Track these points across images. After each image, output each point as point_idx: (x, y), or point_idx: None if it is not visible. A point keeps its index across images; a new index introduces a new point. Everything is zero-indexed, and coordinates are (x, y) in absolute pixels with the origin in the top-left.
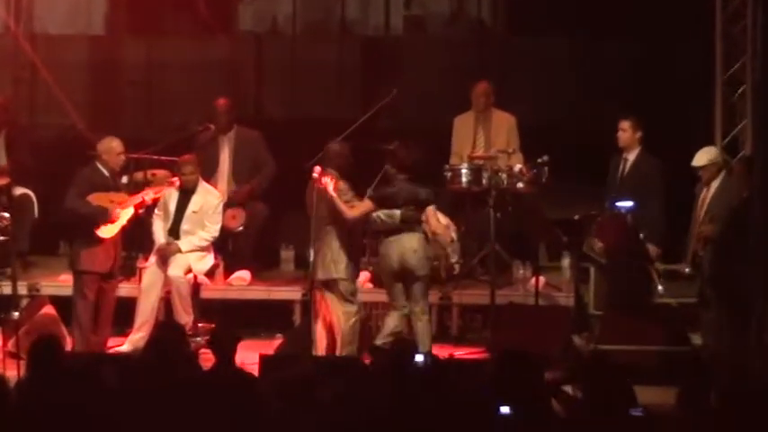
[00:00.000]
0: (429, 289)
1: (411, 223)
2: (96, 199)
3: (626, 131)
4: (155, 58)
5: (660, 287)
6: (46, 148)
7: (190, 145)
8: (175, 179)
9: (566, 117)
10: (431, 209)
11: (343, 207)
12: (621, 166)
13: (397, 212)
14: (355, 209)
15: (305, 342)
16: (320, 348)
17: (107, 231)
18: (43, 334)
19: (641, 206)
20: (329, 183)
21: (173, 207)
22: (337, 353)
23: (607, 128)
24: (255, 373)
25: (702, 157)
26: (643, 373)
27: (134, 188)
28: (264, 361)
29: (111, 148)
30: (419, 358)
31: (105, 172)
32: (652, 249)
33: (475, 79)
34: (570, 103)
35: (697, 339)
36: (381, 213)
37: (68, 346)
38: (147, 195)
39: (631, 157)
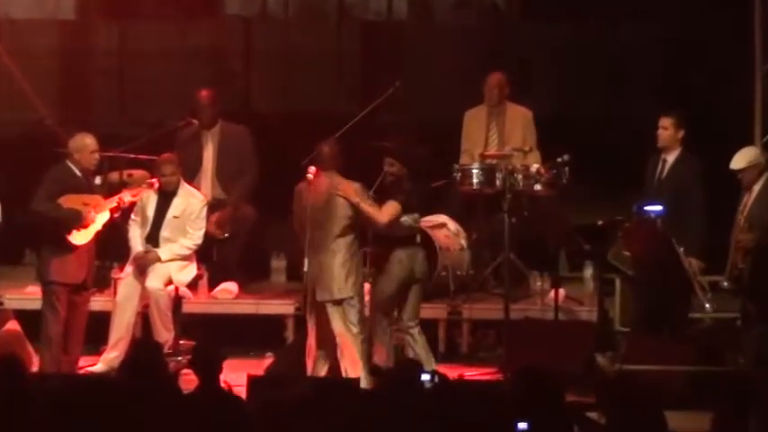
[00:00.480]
0: (433, 302)
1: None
2: (68, 201)
3: (667, 129)
4: (130, 45)
5: (708, 304)
6: (10, 145)
7: (170, 142)
8: (154, 180)
9: (588, 111)
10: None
11: (372, 211)
12: (659, 168)
13: (416, 215)
14: (384, 212)
15: (299, 361)
16: (313, 369)
17: (80, 237)
18: (4, 353)
19: (680, 213)
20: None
21: (151, 211)
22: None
23: (634, 123)
24: (243, 395)
25: (741, 159)
26: (674, 396)
27: (109, 190)
28: (253, 382)
29: (84, 145)
30: (426, 377)
31: (77, 172)
32: (694, 262)
33: (487, 70)
34: (593, 95)
35: (735, 359)
36: (408, 218)
37: (35, 367)
38: (125, 197)
39: (671, 158)
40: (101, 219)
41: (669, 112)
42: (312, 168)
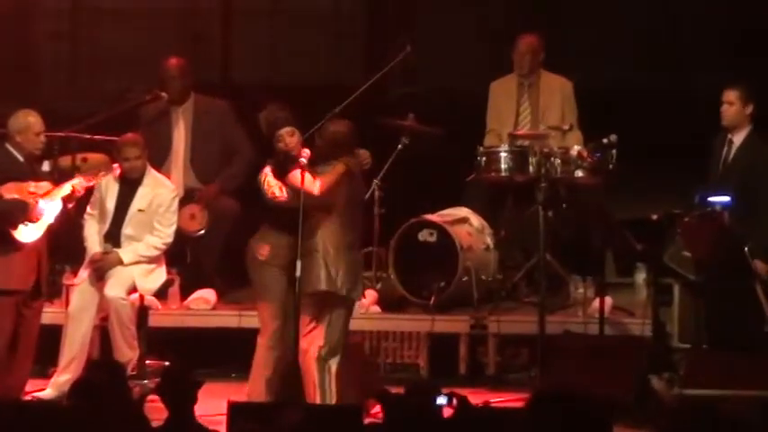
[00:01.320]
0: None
1: None
2: (9, 190)
3: (732, 105)
4: (84, 3)
5: None
6: None
7: (133, 120)
8: (115, 165)
9: (639, 82)
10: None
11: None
12: (725, 151)
13: None
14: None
15: (291, 384)
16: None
17: (28, 233)
18: None
19: (747, 205)
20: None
21: (111, 204)
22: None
23: (696, 97)
24: (222, 428)
25: None
26: (745, 425)
27: (59, 178)
28: (234, 410)
29: (28, 125)
30: (441, 400)
31: (19, 157)
32: (760, 265)
33: (517, 32)
34: (645, 63)
35: None
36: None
37: None
38: (79, 184)
39: (738, 138)
40: (51, 209)
41: (735, 84)
42: (306, 152)
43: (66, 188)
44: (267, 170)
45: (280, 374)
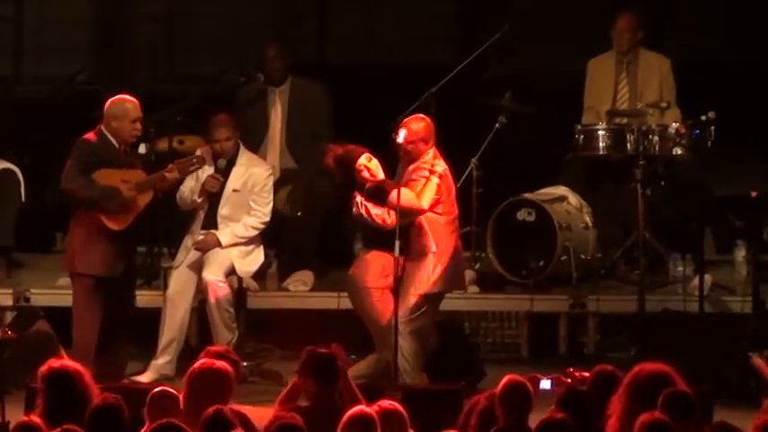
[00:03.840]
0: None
1: None
2: (103, 177)
3: None
4: None
5: None
6: (36, 107)
7: (229, 102)
8: (202, 154)
9: (738, 58)
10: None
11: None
12: None
13: None
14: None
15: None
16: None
17: (117, 221)
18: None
19: None
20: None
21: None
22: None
23: None
24: None
25: None
26: None
27: (155, 161)
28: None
29: (125, 111)
30: (545, 385)
31: (115, 142)
32: None
33: (616, 9)
34: (744, 38)
35: None
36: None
37: None
38: (171, 176)
39: None
40: (143, 200)
41: None
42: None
43: (158, 178)
44: (359, 200)
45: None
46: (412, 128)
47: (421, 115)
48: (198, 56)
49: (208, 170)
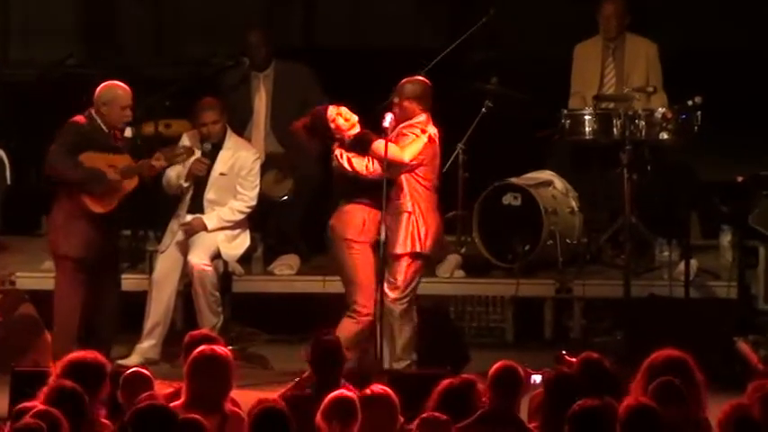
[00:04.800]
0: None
1: None
2: (89, 160)
3: None
4: None
5: None
6: (24, 91)
7: (215, 86)
8: (189, 135)
9: (724, 43)
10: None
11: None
12: None
13: None
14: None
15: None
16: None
17: (101, 205)
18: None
19: None
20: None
21: None
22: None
23: None
24: None
25: None
26: None
27: (142, 144)
28: None
29: (114, 97)
30: (537, 378)
31: (104, 127)
32: None
33: None
34: (730, 24)
35: None
36: None
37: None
38: (158, 164)
39: None
40: (127, 185)
41: None
42: (390, 116)
43: (144, 166)
44: (339, 152)
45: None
46: (409, 87)
47: (421, 77)
48: (186, 39)
49: (195, 153)
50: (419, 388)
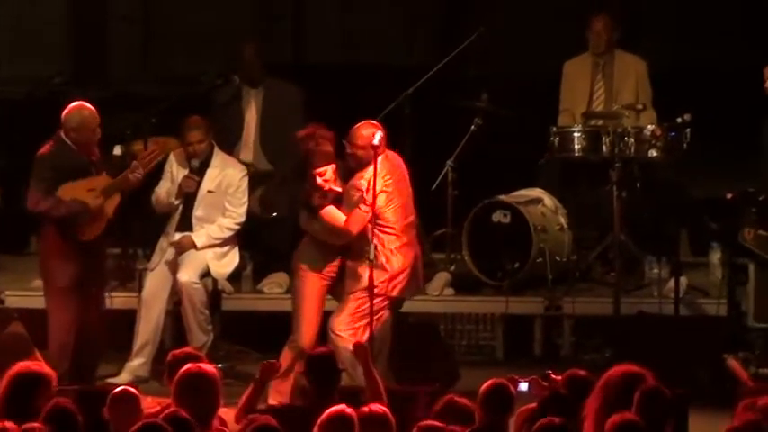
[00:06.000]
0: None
1: None
2: (68, 192)
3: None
4: None
5: None
6: (12, 109)
7: (205, 104)
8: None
9: (714, 60)
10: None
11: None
12: None
13: None
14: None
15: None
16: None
17: (89, 231)
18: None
19: None
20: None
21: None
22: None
23: None
24: None
25: None
26: None
27: (129, 164)
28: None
29: (82, 121)
30: (523, 387)
31: (75, 149)
32: None
33: (591, 11)
34: (720, 41)
35: None
36: None
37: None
38: (136, 173)
39: None
40: (110, 206)
41: None
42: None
43: (122, 181)
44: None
45: None
46: (363, 133)
47: (373, 122)
48: (175, 56)
49: (182, 172)
50: (407, 405)
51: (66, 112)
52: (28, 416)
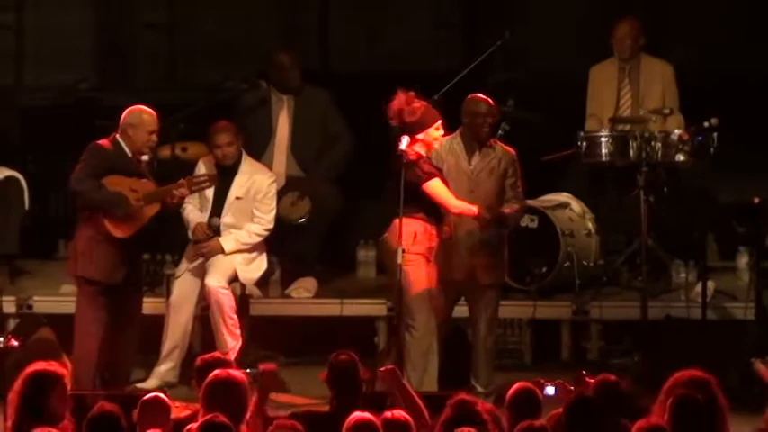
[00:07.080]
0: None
1: None
2: (112, 183)
3: None
4: None
5: None
6: (39, 116)
7: (232, 110)
8: (205, 160)
9: (742, 66)
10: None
11: None
12: None
13: None
14: None
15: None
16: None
17: (121, 229)
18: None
19: None
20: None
21: (210, 193)
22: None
23: None
24: None
25: None
26: None
27: (157, 169)
28: None
29: (141, 121)
30: (550, 390)
31: (128, 151)
32: None
33: (618, 15)
34: (748, 45)
35: None
36: None
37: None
38: (180, 192)
39: None
40: (149, 211)
41: None
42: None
43: (167, 191)
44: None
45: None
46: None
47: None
48: (200, 63)
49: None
50: (435, 409)
51: (127, 111)
52: (43, 416)
